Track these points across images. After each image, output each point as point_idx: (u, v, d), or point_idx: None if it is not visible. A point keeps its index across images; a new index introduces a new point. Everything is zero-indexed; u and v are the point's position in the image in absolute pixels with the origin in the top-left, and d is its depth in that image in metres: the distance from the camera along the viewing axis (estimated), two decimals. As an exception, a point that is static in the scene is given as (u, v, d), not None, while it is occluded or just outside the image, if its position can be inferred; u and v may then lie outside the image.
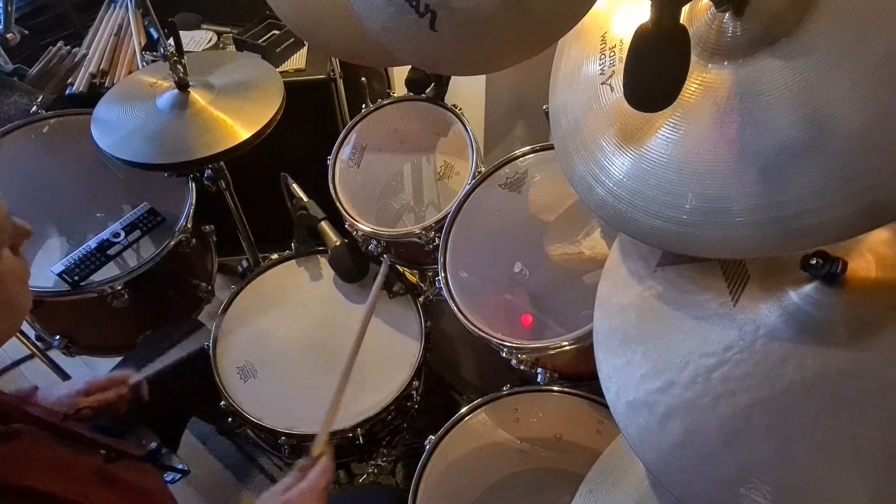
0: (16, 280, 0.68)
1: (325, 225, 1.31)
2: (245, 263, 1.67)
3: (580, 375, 1.08)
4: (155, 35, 1.19)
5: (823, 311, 0.54)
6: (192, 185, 1.40)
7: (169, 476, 0.95)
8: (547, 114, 0.77)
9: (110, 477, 0.74)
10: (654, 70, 0.51)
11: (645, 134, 0.61)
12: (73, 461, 0.71)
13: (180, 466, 0.97)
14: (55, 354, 1.56)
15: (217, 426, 1.63)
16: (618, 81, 0.66)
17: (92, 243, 1.31)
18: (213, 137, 1.21)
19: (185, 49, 1.26)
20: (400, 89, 1.50)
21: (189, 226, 1.36)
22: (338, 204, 1.34)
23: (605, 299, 0.74)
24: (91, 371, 1.77)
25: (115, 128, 1.24)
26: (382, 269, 1.20)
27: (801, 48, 0.50)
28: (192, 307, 1.53)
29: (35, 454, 0.67)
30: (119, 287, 1.26)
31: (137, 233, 1.36)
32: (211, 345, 1.23)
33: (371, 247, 1.34)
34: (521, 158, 1.23)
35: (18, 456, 0.65)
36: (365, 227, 1.30)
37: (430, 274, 1.54)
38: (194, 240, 1.39)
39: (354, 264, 1.30)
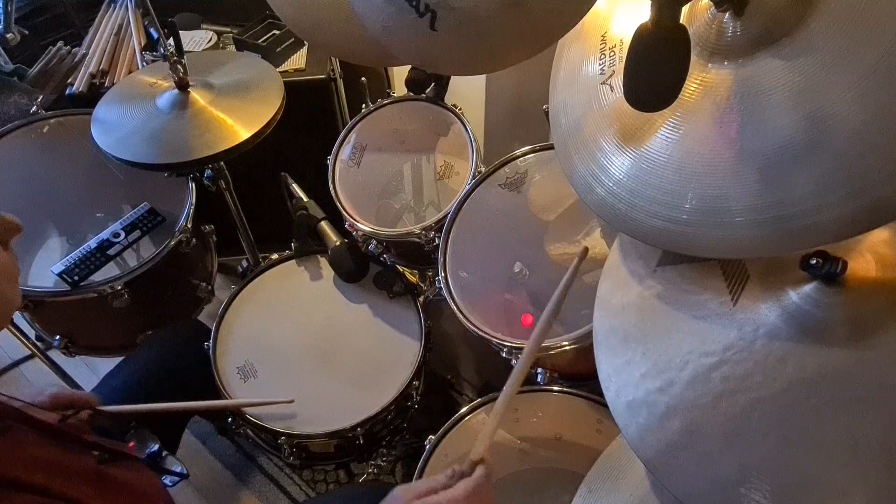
0: (2, 275, 0.67)
1: (325, 225, 1.30)
2: (245, 263, 1.67)
3: (580, 375, 1.08)
4: (155, 35, 1.19)
5: (823, 310, 0.54)
6: (192, 185, 1.40)
7: (168, 479, 0.95)
8: (547, 114, 0.77)
9: (105, 477, 0.73)
10: (654, 70, 0.51)
11: (645, 134, 0.61)
12: (66, 460, 0.71)
13: (179, 470, 0.96)
14: (55, 354, 1.56)
15: (217, 426, 1.63)
16: (618, 81, 0.66)
17: (92, 243, 1.31)
18: (213, 137, 1.21)
19: (185, 49, 1.26)
20: (400, 89, 1.50)
21: (189, 226, 1.36)
22: (338, 204, 1.34)
23: (605, 299, 0.74)
24: (91, 371, 1.77)
25: (115, 128, 1.24)
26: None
27: (801, 48, 0.50)
28: (192, 307, 1.53)
29: (25, 451, 0.67)
30: (119, 287, 1.26)
31: (137, 233, 1.36)
32: (211, 345, 1.23)
33: (371, 247, 1.34)
34: (521, 158, 1.23)
35: (7, 451, 0.64)
36: (365, 227, 1.30)
37: (430, 274, 1.54)
38: (194, 240, 1.39)
39: (354, 264, 1.30)
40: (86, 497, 0.66)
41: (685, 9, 0.52)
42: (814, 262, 0.53)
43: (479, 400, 1.11)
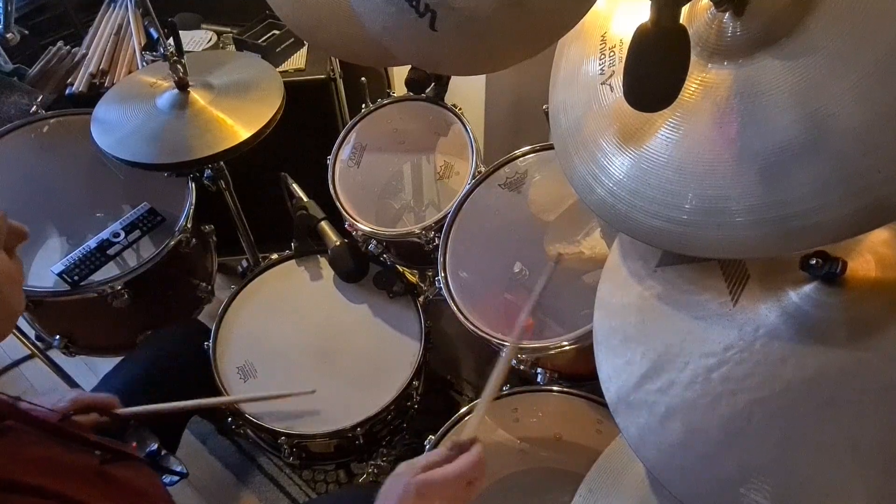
0: (8, 281, 0.67)
1: (325, 225, 1.30)
2: (245, 263, 1.67)
3: (580, 375, 1.08)
4: (155, 35, 1.19)
5: (823, 311, 0.54)
6: (192, 185, 1.40)
7: (168, 478, 0.95)
8: (547, 114, 0.77)
9: (106, 477, 0.73)
10: (654, 70, 0.51)
11: (645, 134, 0.61)
12: (66, 460, 0.71)
13: (179, 469, 0.96)
14: (55, 354, 1.56)
15: (217, 426, 1.63)
16: (618, 81, 0.66)
17: (92, 243, 1.31)
18: (213, 137, 1.21)
19: (185, 49, 1.26)
20: (400, 89, 1.50)
21: (189, 226, 1.36)
22: (338, 204, 1.34)
23: (605, 299, 0.74)
24: (91, 371, 1.77)
25: (114, 128, 1.24)
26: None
27: (801, 48, 0.50)
28: (192, 307, 1.53)
29: (24, 450, 0.67)
30: (119, 287, 1.26)
31: (137, 233, 1.36)
32: (211, 345, 1.23)
33: (371, 247, 1.34)
34: (521, 158, 1.23)
35: (7, 452, 0.64)
36: (365, 227, 1.30)
37: (430, 274, 1.54)
38: (194, 240, 1.39)
39: (354, 264, 1.30)
40: (87, 497, 0.66)
41: (685, 9, 0.52)
42: (814, 262, 0.53)
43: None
